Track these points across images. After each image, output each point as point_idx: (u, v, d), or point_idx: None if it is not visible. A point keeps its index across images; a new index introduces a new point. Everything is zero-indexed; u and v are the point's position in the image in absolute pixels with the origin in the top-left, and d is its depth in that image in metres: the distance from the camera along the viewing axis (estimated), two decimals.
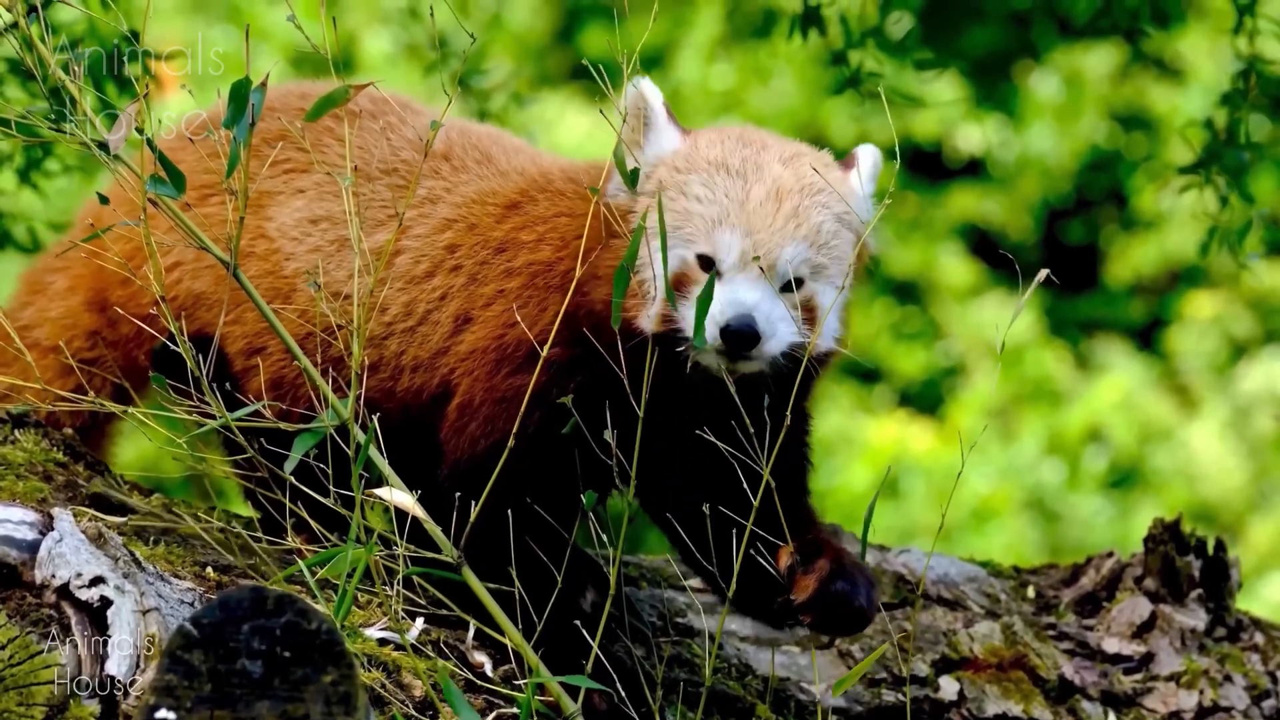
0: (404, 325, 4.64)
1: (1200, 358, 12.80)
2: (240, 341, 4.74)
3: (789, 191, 4.38)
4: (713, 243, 4.33)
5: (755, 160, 4.42)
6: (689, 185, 4.39)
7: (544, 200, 4.63)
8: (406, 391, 4.61)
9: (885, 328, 12.64)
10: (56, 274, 5.11)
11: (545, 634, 4.30)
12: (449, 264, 4.64)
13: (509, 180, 4.72)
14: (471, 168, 4.76)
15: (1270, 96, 6.04)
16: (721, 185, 4.38)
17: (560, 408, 4.34)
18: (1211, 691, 5.23)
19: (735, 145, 4.45)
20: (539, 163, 4.78)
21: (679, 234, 4.36)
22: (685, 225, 4.36)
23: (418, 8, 7.26)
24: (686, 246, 4.35)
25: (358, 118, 4.76)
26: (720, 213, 4.35)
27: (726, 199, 4.36)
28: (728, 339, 4.27)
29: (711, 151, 4.43)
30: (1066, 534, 11.95)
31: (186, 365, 4.16)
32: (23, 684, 3.84)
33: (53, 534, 4.06)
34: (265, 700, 3.40)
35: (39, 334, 4.98)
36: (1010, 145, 12.98)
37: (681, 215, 4.37)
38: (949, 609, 5.30)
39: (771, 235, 4.34)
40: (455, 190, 4.72)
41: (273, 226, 4.75)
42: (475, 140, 4.81)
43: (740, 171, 4.39)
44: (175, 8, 11.03)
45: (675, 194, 4.39)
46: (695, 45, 12.07)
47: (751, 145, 4.46)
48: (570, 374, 4.42)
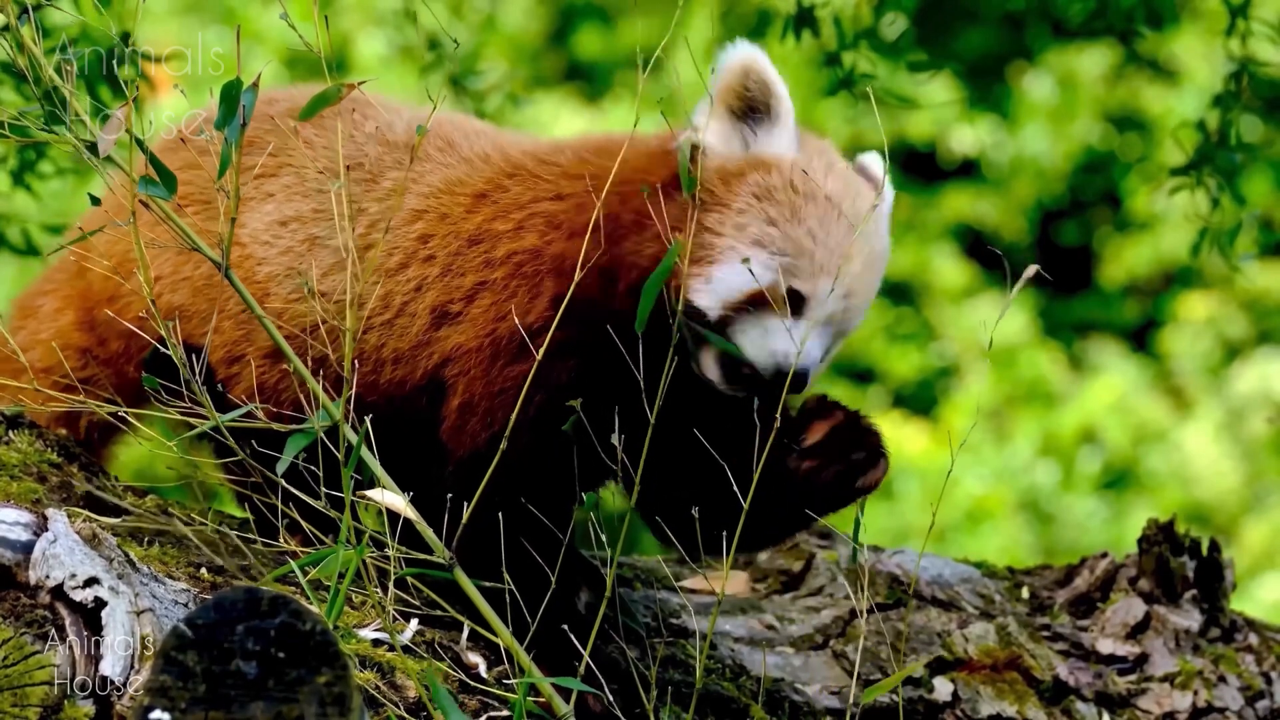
0: (382, 318, 4.63)
1: (1194, 359, 12.82)
2: (220, 351, 4.73)
3: (878, 257, 4.45)
4: (814, 288, 4.35)
5: (856, 210, 4.41)
6: (805, 213, 4.38)
7: (515, 187, 4.60)
8: (389, 384, 4.61)
9: (879, 329, 12.65)
10: (45, 296, 5.11)
11: (540, 634, 4.30)
12: (422, 254, 4.63)
13: (474, 168, 4.68)
14: (435, 156, 4.73)
15: (1262, 98, 6.05)
16: (835, 234, 4.38)
17: (559, 392, 4.35)
18: (1206, 692, 5.23)
19: (842, 184, 4.44)
20: (502, 147, 4.74)
21: (779, 259, 4.36)
22: (790, 254, 4.36)
23: (412, 9, 7.25)
24: (784, 276, 4.36)
25: (321, 117, 4.72)
26: (828, 263, 4.36)
27: (837, 250, 4.37)
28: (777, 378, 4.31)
29: (830, 185, 4.41)
30: (1061, 535, 11.97)
31: (177, 371, 4.16)
32: (17, 685, 3.83)
33: (47, 535, 4.06)
34: (260, 701, 3.40)
35: (31, 357, 4.96)
36: (1004, 146, 13.00)
37: (789, 242, 4.37)
38: (943, 610, 5.31)
39: (861, 302, 4.42)
40: (421, 180, 4.69)
41: (245, 233, 4.73)
42: (434, 127, 4.75)
43: (848, 219, 4.39)
44: (170, 10, 11.03)
45: (787, 213, 4.37)
46: (689, 46, 12.06)
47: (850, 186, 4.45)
48: (568, 355, 4.42)
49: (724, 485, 4.30)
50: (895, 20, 6.24)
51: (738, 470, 4.28)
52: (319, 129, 4.75)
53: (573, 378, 4.40)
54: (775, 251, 4.35)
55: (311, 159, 4.72)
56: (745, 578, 5.46)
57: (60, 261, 5.14)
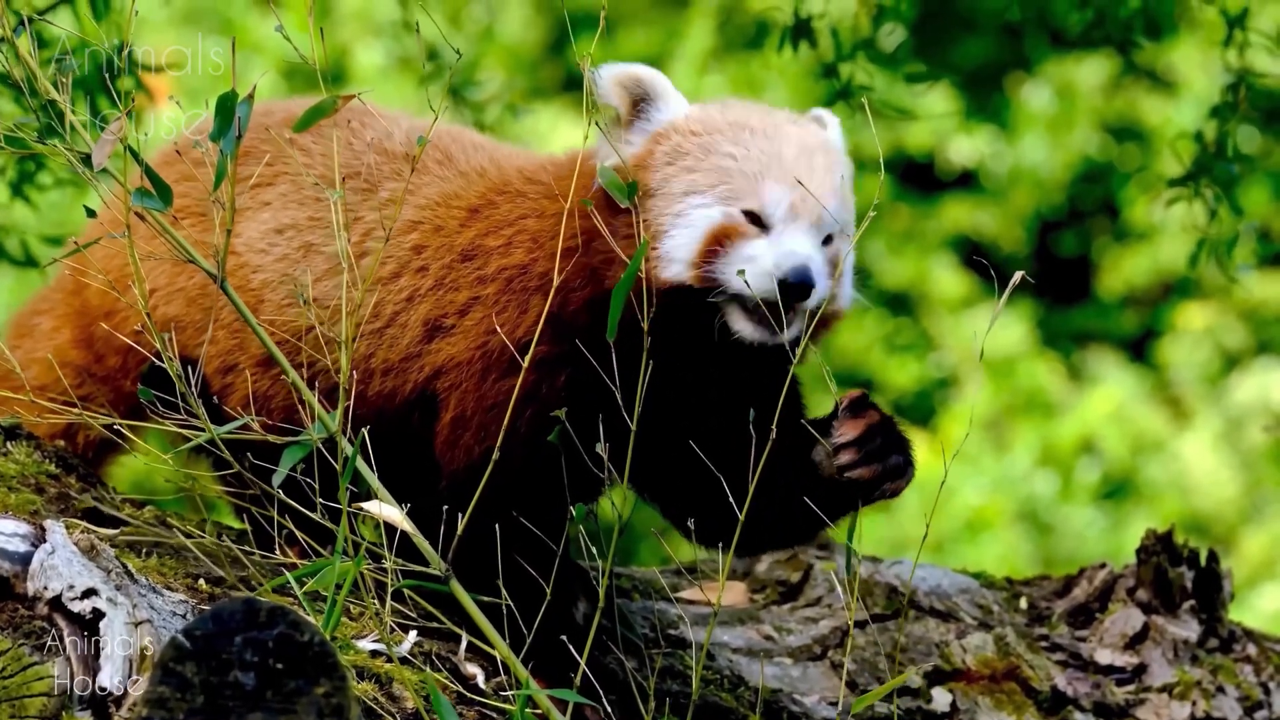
0: (371, 327, 4.63)
1: (1192, 369, 12.82)
2: (215, 361, 4.73)
3: (815, 148, 4.43)
4: (760, 197, 4.34)
5: (772, 121, 4.46)
6: (717, 145, 4.40)
7: (504, 204, 4.62)
8: (379, 395, 4.60)
9: (878, 339, 12.65)
10: (42, 315, 5.11)
11: (538, 645, 4.30)
12: (415, 265, 4.64)
13: (470, 182, 4.71)
14: (432, 168, 4.75)
15: (1260, 109, 6.05)
16: (754, 143, 4.39)
17: (552, 405, 4.35)
18: (1204, 703, 5.23)
19: (745, 109, 4.48)
20: (498, 162, 4.77)
21: (715, 192, 4.36)
22: (723, 182, 4.37)
23: (410, 20, 7.26)
24: (730, 203, 4.36)
25: (319, 126, 4.73)
26: (761, 168, 4.36)
27: (764, 155, 4.38)
28: (786, 291, 4.27)
29: (728, 114, 4.45)
30: (1059, 545, 11.95)
31: (173, 384, 4.16)
32: (15, 696, 3.83)
33: (45, 546, 4.06)
34: (258, 712, 3.40)
35: (28, 375, 4.95)
36: (1002, 157, 13.00)
37: (716, 173, 4.37)
38: (941, 620, 5.31)
39: (816, 188, 4.35)
40: (418, 191, 4.71)
41: (240, 242, 4.74)
42: (435, 139, 4.78)
43: (764, 131, 4.41)
44: (168, 20, 11.03)
45: (701, 154, 4.39)
46: (688, 57, 12.10)
47: (758, 109, 4.49)
48: (558, 369, 4.42)
49: (741, 479, 4.29)
50: (893, 31, 6.25)
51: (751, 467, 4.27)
52: (316, 137, 4.76)
53: (564, 392, 4.40)
54: (705, 190, 4.37)
55: (308, 167, 4.73)
56: (743, 588, 5.46)
57: (56, 280, 5.14)
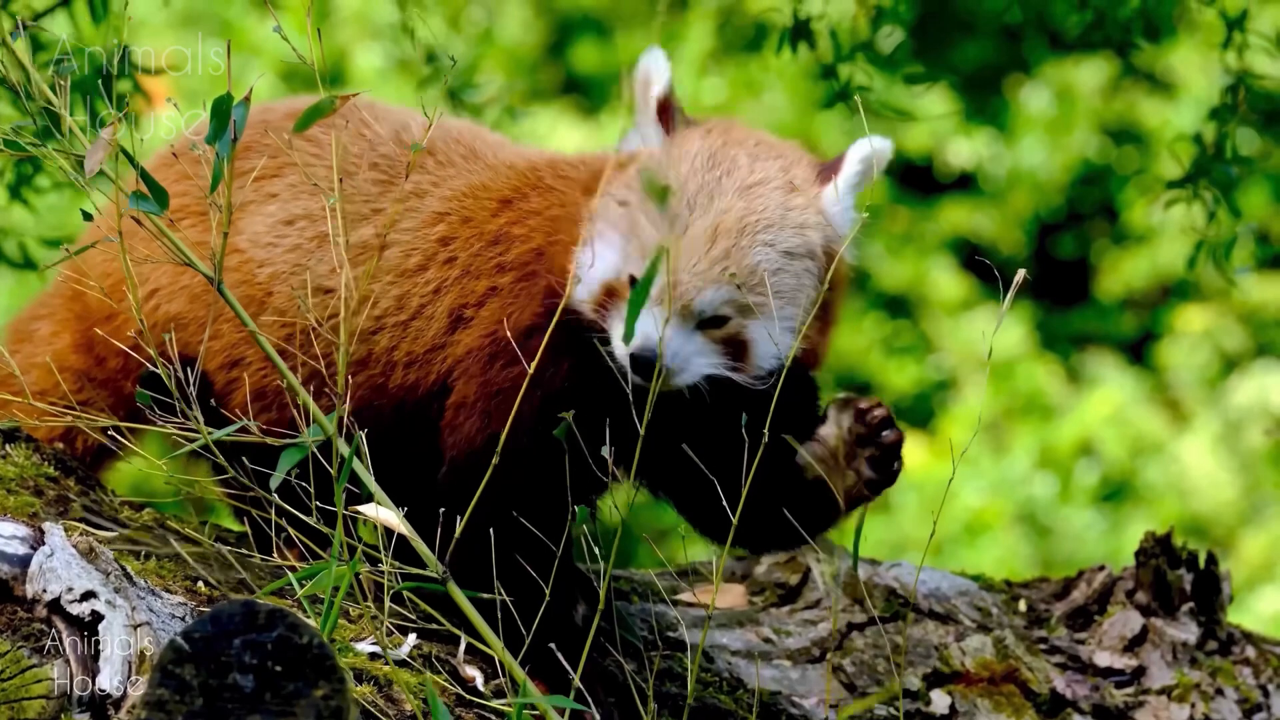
0: (396, 319, 4.63)
1: (1191, 371, 12.81)
2: (220, 356, 4.73)
3: (727, 231, 4.35)
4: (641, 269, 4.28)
5: (711, 189, 4.39)
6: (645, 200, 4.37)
7: (535, 196, 4.65)
8: (400, 388, 4.61)
9: (876, 342, 12.65)
10: (41, 320, 5.11)
11: (537, 647, 4.30)
12: (442, 256, 4.65)
13: (500, 175, 4.73)
14: (458, 162, 4.77)
15: (1259, 111, 6.05)
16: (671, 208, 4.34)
17: (556, 393, 4.35)
18: (1203, 705, 5.23)
19: (703, 164, 4.43)
20: (527, 157, 4.80)
21: (621, 245, 4.37)
22: (630, 237, 4.37)
23: (409, 23, 7.25)
24: (626, 260, 4.37)
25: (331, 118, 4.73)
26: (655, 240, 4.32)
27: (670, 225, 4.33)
28: (633, 366, 4.27)
29: (680, 166, 4.40)
30: (1058, 548, 11.95)
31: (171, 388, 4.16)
32: (14, 698, 3.83)
33: (44, 549, 4.06)
34: (257, 714, 3.40)
35: (27, 380, 4.94)
36: (1001, 159, 13.00)
37: (629, 225, 4.38)
38: (940, 622, 5.30)
39: (693, 278, 4.31)
40: (444, 184, 4.73)
41: (243, 239, 4.74)
42: (457, 135, 4.82)
43: (692, 201, 4.37)
44: (167, 22, 11.03)
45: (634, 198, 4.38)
46: (687, 59, 12.11)
47: (719, 166, 4.43)
48: (560, 357, 4.42)
49: (734, 482, 4.29)
50: (892, 33, 6.24)
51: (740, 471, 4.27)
52: (324, 128, 4.76)
53: (567, 380, 4.40)
54: (615, 239, 4.37)
55: (318, 158, 4.73)
56: (742, 591, 5.45)
57: (55, 284, 5.14)
